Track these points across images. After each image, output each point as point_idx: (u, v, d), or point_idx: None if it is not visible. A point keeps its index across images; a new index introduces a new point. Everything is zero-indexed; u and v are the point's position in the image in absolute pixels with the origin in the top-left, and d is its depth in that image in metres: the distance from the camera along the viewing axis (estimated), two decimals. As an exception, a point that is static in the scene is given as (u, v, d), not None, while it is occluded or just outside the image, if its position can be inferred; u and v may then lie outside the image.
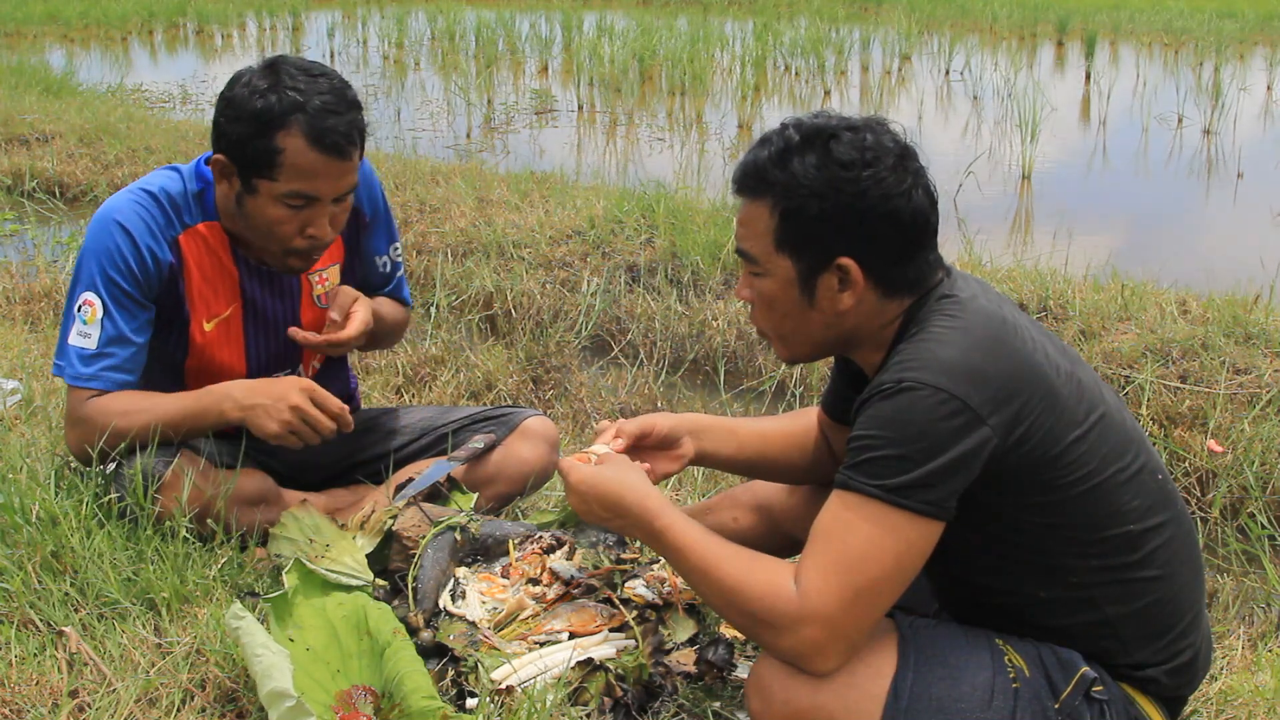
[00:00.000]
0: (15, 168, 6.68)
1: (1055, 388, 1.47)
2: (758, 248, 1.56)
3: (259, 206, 1.99)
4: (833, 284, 1.53)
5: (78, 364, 2.02)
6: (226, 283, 2.13)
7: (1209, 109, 9.67)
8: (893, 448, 1.40)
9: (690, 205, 5.24)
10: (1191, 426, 3.38)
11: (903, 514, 1.39)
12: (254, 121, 1.93)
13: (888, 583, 1.41)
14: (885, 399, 1.42)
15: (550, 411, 3.66)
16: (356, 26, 17.77)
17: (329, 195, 2.00)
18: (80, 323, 2.02)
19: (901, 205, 1.51)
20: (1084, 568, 1.51)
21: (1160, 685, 1.55)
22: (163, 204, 2.06)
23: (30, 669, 1.67)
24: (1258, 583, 2.68)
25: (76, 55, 14.62)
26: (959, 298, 1.52)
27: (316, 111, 1.93)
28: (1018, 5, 18.05)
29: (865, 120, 1.55)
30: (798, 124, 1.55)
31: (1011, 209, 7.12)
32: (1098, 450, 1.49)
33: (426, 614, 1.85)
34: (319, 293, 2.24)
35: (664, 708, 1.75)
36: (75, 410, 2.03)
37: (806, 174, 1.50)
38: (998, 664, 1.48)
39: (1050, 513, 1.49)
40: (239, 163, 1.98)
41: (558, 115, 10.55)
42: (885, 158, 1.50)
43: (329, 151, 1.94)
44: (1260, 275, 4.42)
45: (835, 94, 12.16)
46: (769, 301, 1.59)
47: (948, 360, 1.43)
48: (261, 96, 1.94)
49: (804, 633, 1.40)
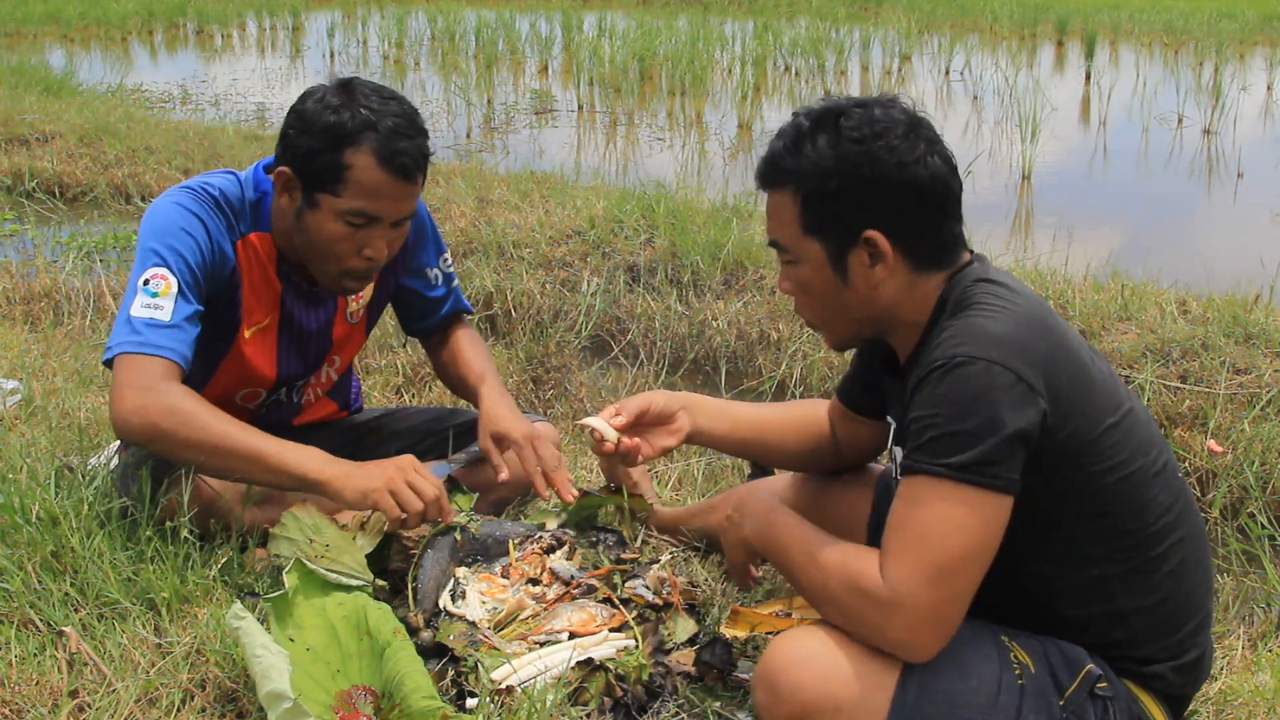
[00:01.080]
0: (15, 168, 6.67)
1: (1091, 375, 1.50)
2: (786, 236, 1.60)
3: (319, 222, 1.98)
4: (864, 259, 1.56)
5: (148, 333, 1.87)
6: (269, 294, 2.12)
7: (1209, 109, 9.67)
8: (954, 424, 1.40)
9: (690, 205, 5.24)
10: (1191, 426, 3.38)
11: (973, 490, 1.40)
12: (325, 136, 1.93)
13: (968, 561, 1.41)
14: (941, 377, 1.43)
15: (550, 411, 3.66)
16: (356, 26, 17.77)
17: (390, 217, 1.99)
18: (148, 295, 1.91)
19: (919, 172, 1.53)
20: (1108, 558, 1.52)
21: (1166, 682, 1.55)
22: (222, 206, 2.05)
23: (30, 669, 1.66)
24: (1258, 583, 2.68)
25: (76, 55, 14.62)
26: (999, 282, 1.55)
27: (388, 132, 1.93)
28: (1018, 5, 18.05)
29: (875, 98, 1.59)
30: (808, 111, 1.59)
31: (1011, 209, 7.12)
32: (1129, 442, 1.51)
33: (426, 614, 1.85)
34: (352, 309, 2.25)
35: (664, 708, 1.75)
36: (141, 377, 1.85)
37: (821, 155, 1.54)
38: (1003, 659, 1.48)
39: (1084, 500, 1.50)
40: (304, 176, 1.97)
41: (558, 115, 10.55)
42: (895, 128, 1.53)
43: (396, 173, 1.94)
44: (1260, 275, 4.42)
45: (835, 94, 12.13)
46: (806, 287, 1.63)
47: (998, 334, 1.44)
48: (335, 112, 1.94)
49: (897, 621, 1.40)
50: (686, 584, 2.06)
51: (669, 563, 2.08)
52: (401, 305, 2.39)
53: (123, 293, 2.02)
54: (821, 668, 1.45)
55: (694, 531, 2.26)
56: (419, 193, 2.04)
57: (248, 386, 2.19)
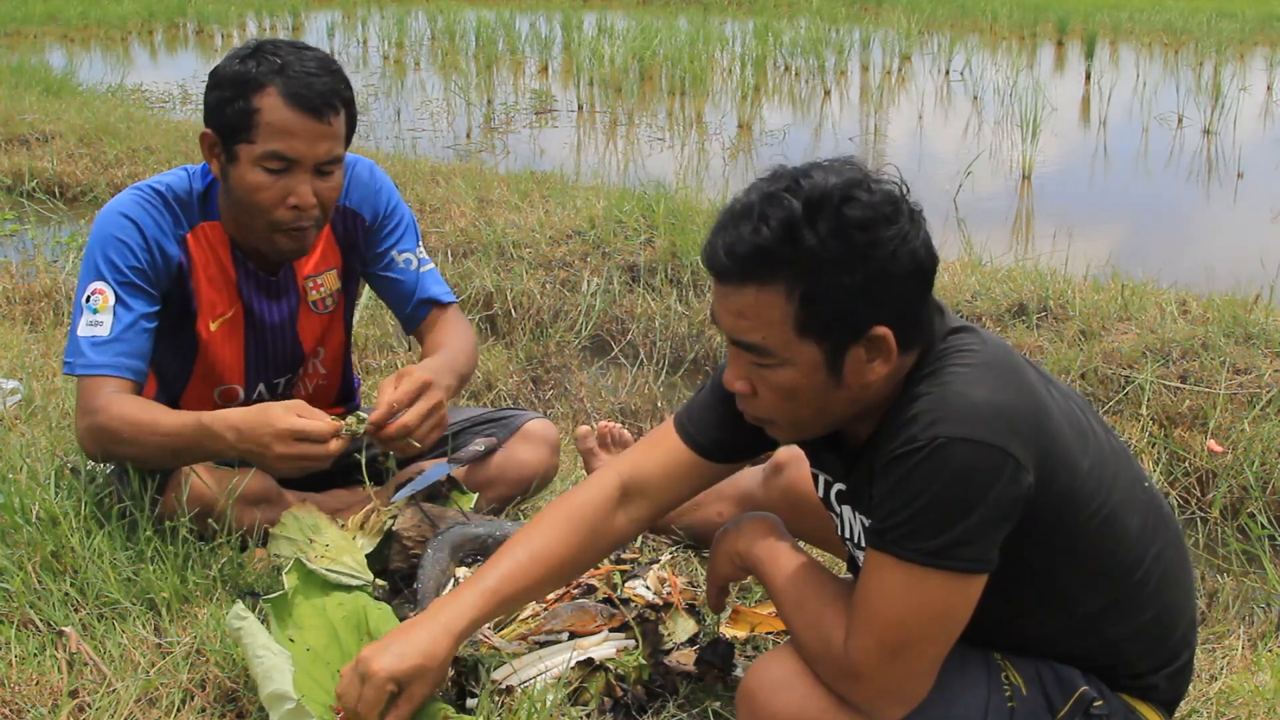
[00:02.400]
0: (15, 168, 6.68)
1: (1060, 421, 1.41)
2: (772, 339, 1.37)
3: (240, 175, 1.97)
4: (861, 356, 1.38)
5: (90, 353, 1.96)
6: (227, 285, 2.12)
7: (1209, 109, 9.67)
8: (931, 511, 1.31)
9: (690, 205, 5.24)
10: (1191, 426, 3.38)
11: (941, 574, 1.33)
12: (233, 84, 1.94)
13: (929, 640, 1.36)
14: (921, 459, 1.31)
15: (550, 412, 3.67)
16: (356, 26, 17.78)
17: (308, 158, 1.96)
18: (90, 312, 1.98)
19: (924, 256, 1.37)
20: (1092, 597, 1.47)
21: (1160, 690, 1.54)
22: (169, 202, 2.06)
23: (30, 669, 1.66)
24: (1258, 583, 2.68)
25: (76, 55, 14.62)
26: (961, 331, 1.44)
27: (295, 74, 1.94)
28: (1018, 5, 18.05)
29: (856, 169, 1.38)
30: (790, 189, 1.35)
31: (1011, 209, 7.12)
32: (1103, 478, 1.44)
33: (426, 614, 1.85)
34: (314, 299, 2.22)
35: (664, 708, 1.75)
36: (89, 400, 1.95)
37: (825, 247, 1.32)
38: (994, 682, 1.46)
39: (1068, 549, 1.43)
40: (221, 132, 1.98)
41: (558, 115, 10.55)
42: (900, 207, 1.35)
43: (305, 110, 1.93)
44: (1260, 275, 4.41)
45: (835, 94, 12.16)
46: (786, 393, 1.41)
47: (979, 404, 1.32)
48: (242, 61, 1.96)
49: (856, 689, 1.39)
50: (686, 584, 2.06)
51: (669, 563, 2.08)
52: (384, 297, 2.35)
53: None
54: (799, 694, 1.43)
55: (683, 527, 2.27)
56: (338, 135, 2.00)
57: (221, 384, 2.17)
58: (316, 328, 2.24)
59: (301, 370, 2.27)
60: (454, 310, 2.33)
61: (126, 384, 1.97)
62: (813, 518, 1.97)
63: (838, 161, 1.39)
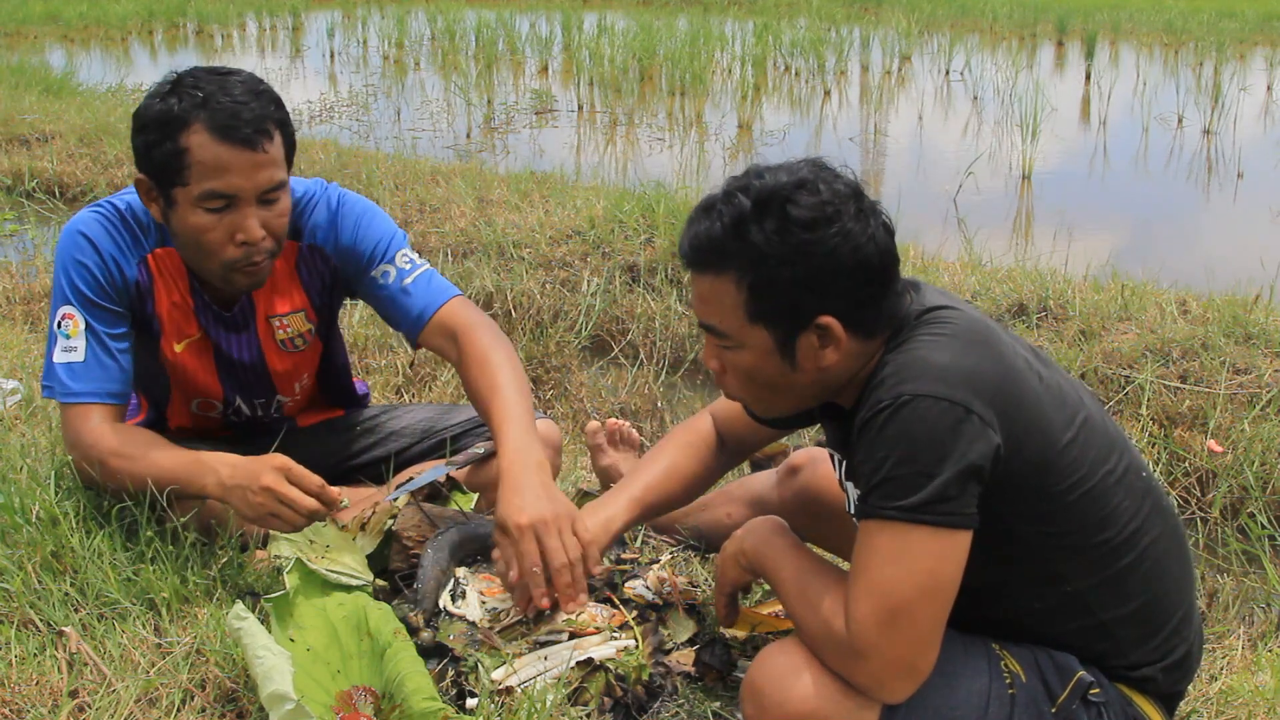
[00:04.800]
0: (15, 168, 6.68)
1: (1039, 394, 1.46)
2: (727, 323, 1.50)
3: (181, 219, 1.87)
4: (813, 342, 1.48)
5: (67, 380, 1.91)
6: (189, 311, 2.06)
7: (1209, 109, 9.68)
8: (903, 466, 1.36)
9: (690, 205, 5.21)
10: (1191, 426, 3.38)
11: (925, 530, 1.36)
12: (157, 126, 1.84)
13: (925, 602, 1.37)
14: (886, 417, 1.38)
15: (550, 411, 3.67)
16: (356, 26, 17.78)
17: (249, 191, 1.85)
18: (63, 338, 1.92)
19: (870, 251, 1.45)
20: (1079, 574, 1.50)
21: (1157, 683, 1.55)
22: (129, 221, 1.98)
23: (30, 669, 1.66)
24: (1258, 583, 2.68)
25: (76, 55, 14.62)
26: (938, 308, 1.49)
27: (220, 105, 1.81)
28: (1018, 5, 18.06)
29: (810, 168, 1.48)
30: (744, 188, 1.46)
31: (1011, 209, 7.13)
32: (1087, 454, 1.47)
33: (426, 614, 1.85)
34: (282, 338, 2.14)
35: (664, 708, 1.75)
36: (72, 433, 1.92)
37: (769, 242, 1.43)
38: (994, 670, 1.48)
39: (1048, 521, 1.47)
40: (154, 177, 1.87)
41: (558, 115, 10.55)
42: (846, 207, 1.44)
43: (236, 142, 1.82)
44: (1260, 275, 4.42)
45: (835, 94, 12.17)
46: (747, 374, 1.54)
47: (942, 366, 1.39)
48: (162, 100, 1.85)
49: (861, 668, 1.39)
50: (686, 584, 2.06)
51: (669, 563, 2.08)
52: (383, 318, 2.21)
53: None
54: (807, 682, 1.43)
55: (689, 529, 2.27)
56: (276, 161, 1.88)
57: (198, 397, 2.14)
58: (289, 363, 2.18)
59: (283, 397, 2.24)
60: (460, 305, 2.12)
61: (109, 410, 1.93)
62: (827, 521, 1.98)
63: (801, 162, 1.50)
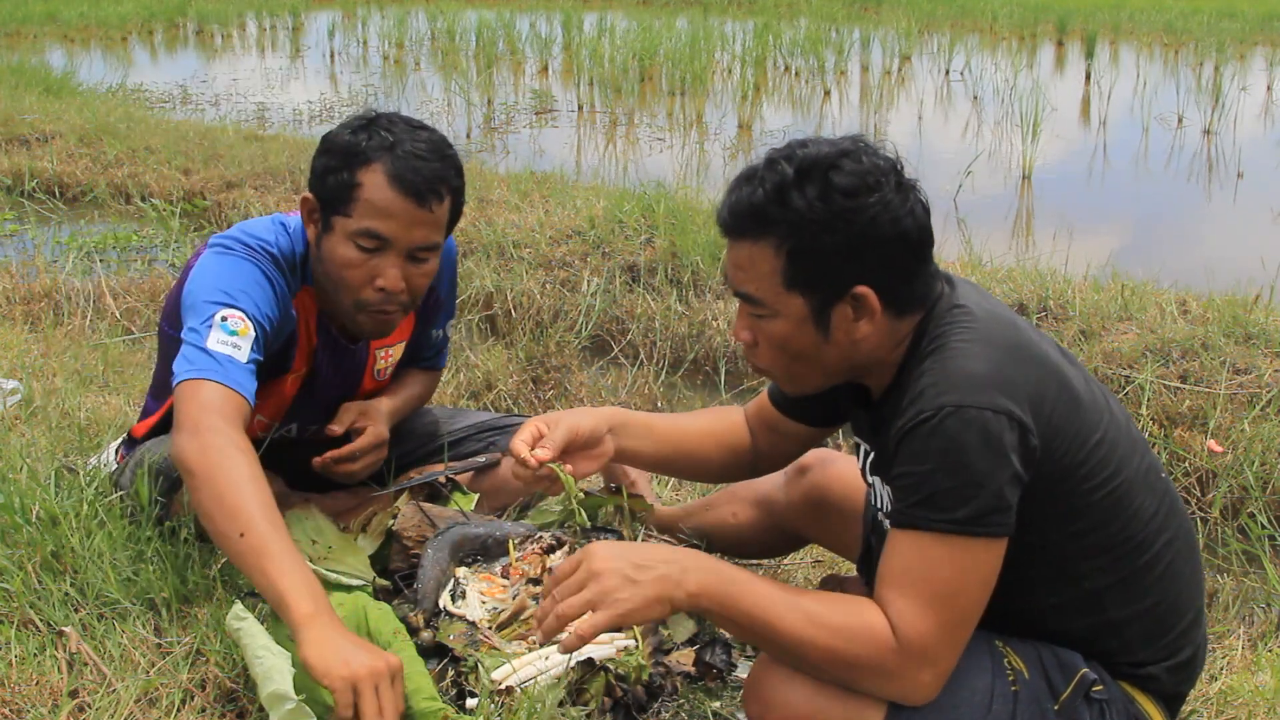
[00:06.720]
0: (15, 168, 6.68)
1: (1076, 391, 1.47)
2: (763, 290, 1.50)
3: (332, 246, 1.92)
4: (848, 314, 1.49)
5: (229, 366, 1.80)
6: (309, 349, 2.09)
7: (1209, 109, 9.69)
8: (954, 479, 1.37)
9: (690, 205, 5.25)
10: (1191, 426, 3.38)
11: (980, 541, 1.38)
12: (341, 154, 1.90)
13: (976, 608, 1.41)
14: (931, 429, 1.38)
15: (550, 412, 3.66)
16: (356, 26, 17.79)
17: (402, 242, 1.90)
18: (225, 332, 1.84)
19: (909, 224, 1.47)
20: (1097, 572, 1.50)
21: (1160, 683, 1.55)
22: (282, 266, 2.00)
23: (30, 669, 1.66)
24: (1258, 583, 2.68)
25: (76, 55, 14.63)
26: (968, 307, 1.50)
27: (404, 154, 1.88)
28: (1018, 5, 18.06)
29: (852, 142, 1.50)
30: (788, 156, 1.48)
31: (1011, 209, 7.13)
32: (1114, 453, 1.48)
33: (426, 614, 1.85)
34: (380, 368, 2.21)
35: (664, 708, 1.75)
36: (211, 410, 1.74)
37: (811, 208, 1.44)
38: (997, 667, 1.48)
39: (1074, 520, 1.47)
40: (321, 199, 1.93)
41: (558, 115, 10.56)
42: (887, 179, 1.46)
43: (407, 193, 1.87)
44: (1260, 275, 4.42)
45: (835, 94, 12.17)
46: (780, 343, 1.53)
47: (981, 375, 1.40)
48: (354, 133, 1.91)
49: (914, 675, 1.39)
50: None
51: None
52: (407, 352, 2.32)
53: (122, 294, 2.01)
54: (811, 682, 1.43)
55: (693, 530, 2.26)
56: (438, 223, 1.93)
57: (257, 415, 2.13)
58: (371, 390, 2.23)
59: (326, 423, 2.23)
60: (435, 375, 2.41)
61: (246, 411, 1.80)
62: (833, 520, 1.98)
63: (844, 137, 1.51)
